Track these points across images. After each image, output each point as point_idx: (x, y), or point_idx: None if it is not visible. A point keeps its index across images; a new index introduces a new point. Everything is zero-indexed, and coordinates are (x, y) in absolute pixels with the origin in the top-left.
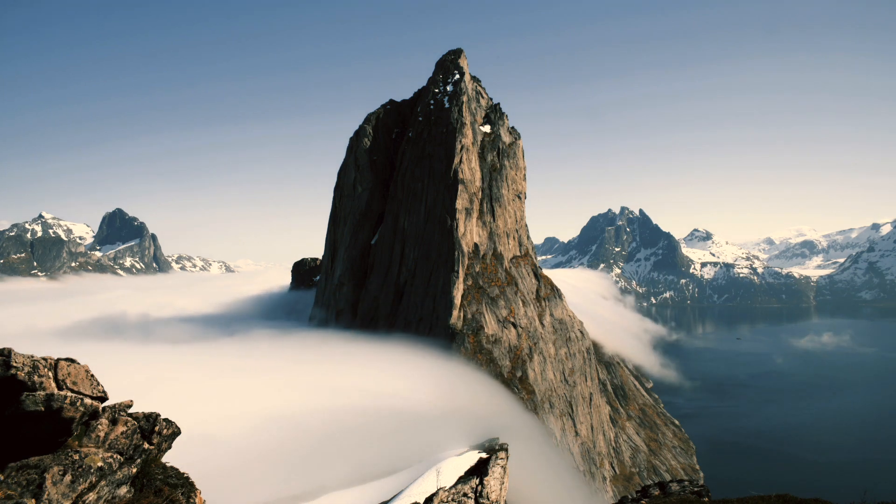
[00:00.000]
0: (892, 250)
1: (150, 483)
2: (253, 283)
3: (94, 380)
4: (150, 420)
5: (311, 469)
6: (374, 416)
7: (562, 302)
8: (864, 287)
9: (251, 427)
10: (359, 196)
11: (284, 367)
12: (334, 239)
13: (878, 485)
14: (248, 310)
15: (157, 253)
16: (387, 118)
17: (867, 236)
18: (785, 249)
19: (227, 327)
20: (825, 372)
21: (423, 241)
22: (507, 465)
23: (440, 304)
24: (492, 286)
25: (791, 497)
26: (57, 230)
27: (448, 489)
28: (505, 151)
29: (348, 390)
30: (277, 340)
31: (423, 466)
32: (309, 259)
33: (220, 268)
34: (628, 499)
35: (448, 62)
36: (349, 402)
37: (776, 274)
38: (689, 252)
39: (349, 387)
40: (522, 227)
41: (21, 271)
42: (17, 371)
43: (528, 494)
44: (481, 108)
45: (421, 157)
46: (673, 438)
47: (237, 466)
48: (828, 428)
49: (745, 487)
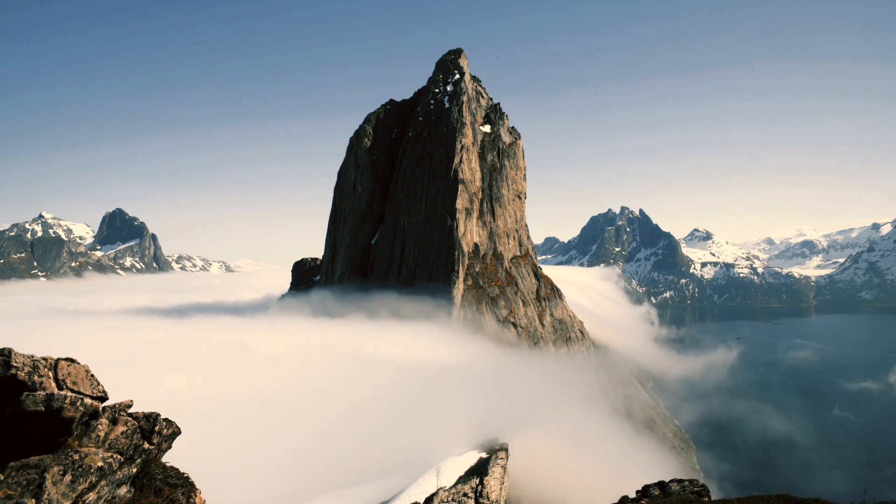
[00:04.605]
0: (892, 250)
1: (151, 483)
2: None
3: (95, 380)
4: (151, 420)
5: (310, 469)
6: (374, 415)
7: (562, 302)
8: (864, 287)
9: (251, 427)
10: (359, 196)
11: (284, 367)
12: (334, 239)
13: (878, 485)
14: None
15: (157, 253)
16: (387, 118)
17: (867, 236)
18: (785, 249)
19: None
20: (825, 371)
21: (423, 241)
22: (507, 465)
23: (440, 304)
24: (492, 286)
25: (791, 497)
26: (57, 230)
27: (448, 489)
28: (505, 151)
29: (348, 390)
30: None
31: (423, 466)
32: (309, 259)
33: (220, 268)
34: (628, 498)
35: (448, 62)
36: (349, 401)
37: (776, 274)
38: (689, 252)
39: (349, 386)
40: (522, 226)
41: (21, 271)
42: (17, 371)
43: (529, 494)
44: (481, 107)
45: (421, 157)
46: (673, 438)
47: (237, 466)
48: (828, 428)
49: (745, 487)
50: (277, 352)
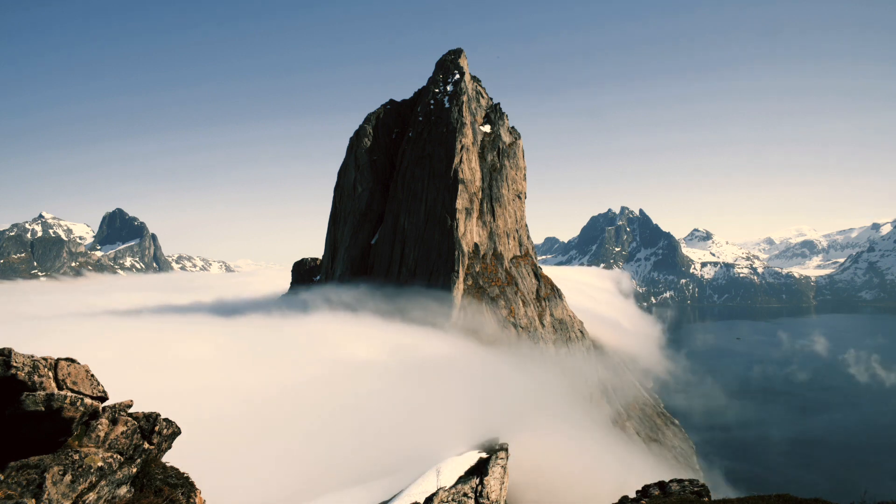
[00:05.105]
0: (892, 250)
1: (151, 483)
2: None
3: (95, 379)
4: (151, 420)
5: (310, 469)
6: (374, 414)
7: (562, 302)
8: (864, 287)
9: (251, 426)
10: (359, 196)
11: (284, 366)
12: (334, 239)
13: (878, 485)
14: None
15: (157, 253)
16: (387, 118)
17: (867, 236)
18: (785, 249)
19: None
20: (825, 371)
21: (423, 241)
22: (507, 465)
23: (440, 304)
24: (492, 286)
25: (791, 497)
26: (57, 230)
27: (448, 489)
28: (505, 151)
29: (348, 389)
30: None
31: (423, 466)
32: (309, 259)
33: (220, 267)
34: (628, 498)
35: (448, 62)
36: (349, 401)
37: (776, 274)
38: (689, 252)
39: (348, 386)
40: (522, 226)
41: (21, 271)
42: (17, 371)
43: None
44: (481, 107)
45: (421, 157)
46: (673, 438)
47: (237, 466)
48: (828, 427)
49: (745, 487)
50: (275, 352)
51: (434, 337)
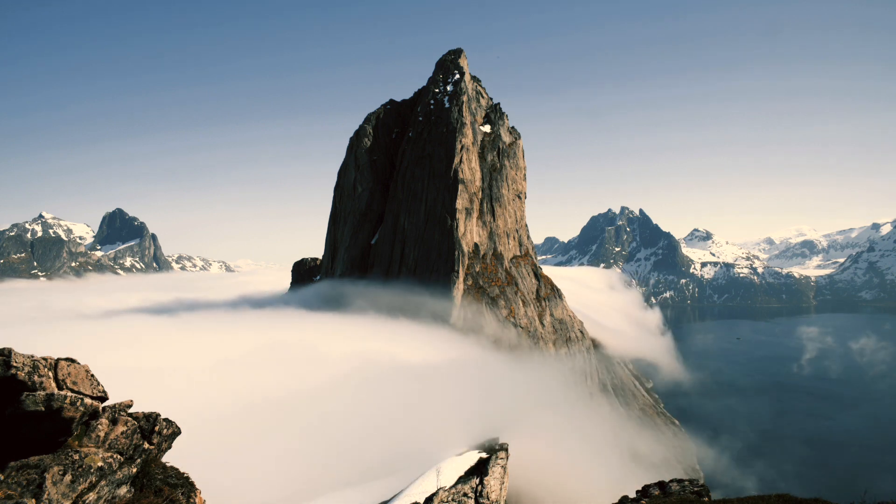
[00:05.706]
0: (892, 250)
1: (151, 483)
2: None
3: (95, 379)
4: (150, 420)
5: (310, 468)
6: (374, 414)
7: (562, 302)
8: (864, 287)
9: (251, 426)
10: (359, 196)
11: (283, 366)
12: (334, 239)
13: (878, 485)
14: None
15: (157, 253)
16: (387, 118)
17: (867, 236)
18: (785, 249)
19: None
20: (825, 371)
21: (423, 241)
22: (507, 465)
23: (440, 304)
24: (492, 286)
25: (791, 497)
26: (57, 230)
27: (448, 489)
28: (505, 151)
29: (348, 389)
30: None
31: (423, 466)
32: (309, 259)
33: (220, 267)
34: (628, 498)
35: (448, 62)
36: (349, 401)
37: (776, 274)
38: (689, 252)
39: (348, 385)
40: (522, 226)
41: (21, 271)
42: (17, 371)
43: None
44: (481, 107)
45: (421, 157)
46: (673, 438)
47: (237, 466)
48: (828, 427)
49: (745, 487)
50: (275, 352)
51: (434, 336)
